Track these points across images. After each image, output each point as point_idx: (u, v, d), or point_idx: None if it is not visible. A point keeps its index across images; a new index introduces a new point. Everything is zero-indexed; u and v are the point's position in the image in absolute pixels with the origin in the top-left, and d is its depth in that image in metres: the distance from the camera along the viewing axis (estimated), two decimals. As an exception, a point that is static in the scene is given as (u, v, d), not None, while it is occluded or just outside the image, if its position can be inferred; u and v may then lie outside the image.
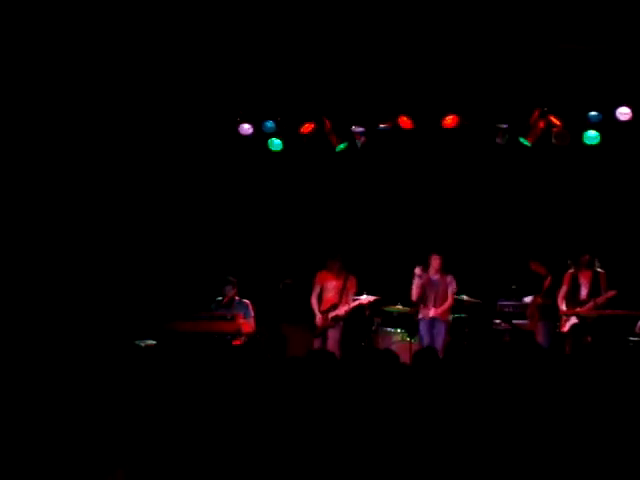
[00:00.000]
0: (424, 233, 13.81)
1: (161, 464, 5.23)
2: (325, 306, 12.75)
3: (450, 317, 12.87)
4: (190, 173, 13.98)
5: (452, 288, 12.76)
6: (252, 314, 12.59)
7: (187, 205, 14.07)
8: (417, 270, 12.77)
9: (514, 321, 13.05)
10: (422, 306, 12.77)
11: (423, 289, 12.75)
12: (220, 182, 14.15)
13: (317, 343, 12.67)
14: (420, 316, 12.76)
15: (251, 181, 14.17)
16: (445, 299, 12.73)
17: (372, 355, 6.66)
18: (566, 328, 12.22)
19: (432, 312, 12.66)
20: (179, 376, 6.48)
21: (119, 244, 13.42)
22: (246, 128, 13.56)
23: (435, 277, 12.77)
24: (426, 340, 12.64)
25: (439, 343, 12.42)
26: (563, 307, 12.37)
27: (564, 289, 12.39)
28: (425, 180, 14.10)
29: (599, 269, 12.22)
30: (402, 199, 14.17)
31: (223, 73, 12.42)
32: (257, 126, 13.47)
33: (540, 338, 12.38)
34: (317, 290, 12.87)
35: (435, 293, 12.73)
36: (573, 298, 12.29)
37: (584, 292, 12.27)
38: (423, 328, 12.76)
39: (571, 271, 12.35)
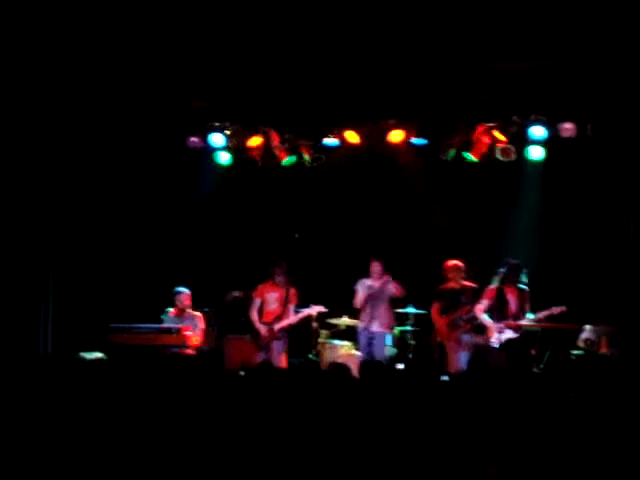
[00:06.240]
0: (369, 246, 13.86)
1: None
2: (269, 318, 12.64)
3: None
4: (140, 184, 13.96)
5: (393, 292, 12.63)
6: (202, 327, 12.54)
7: (138, 217, 14.05)
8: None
9: None
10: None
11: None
12: (170, 193, 14.14)
13: (260, 356, 12.44)
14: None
15: (199, 194, 14.08)
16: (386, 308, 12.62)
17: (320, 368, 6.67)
18: (497, 342, 11.95)
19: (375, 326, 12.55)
20: (126, 389, 6.47)
21: (66, 251, 13.31)
22: (194, 141, 13.51)
23: (375, 284, 12.64)
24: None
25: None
26: (488, 320, 12.18)
27: (486, 303, 12.24)
28: (371, 194, 14.15)
29: (523, 286, 12.16)
30: (348, 212, 14.21)
31: (170, 87, 12.38)
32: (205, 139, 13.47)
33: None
34: (257, 303, 12.73)
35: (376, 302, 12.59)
36: (501, 313, 12.12)
37: (513, 307, 12.14)
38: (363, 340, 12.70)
39: (495, 286, 12.21)
